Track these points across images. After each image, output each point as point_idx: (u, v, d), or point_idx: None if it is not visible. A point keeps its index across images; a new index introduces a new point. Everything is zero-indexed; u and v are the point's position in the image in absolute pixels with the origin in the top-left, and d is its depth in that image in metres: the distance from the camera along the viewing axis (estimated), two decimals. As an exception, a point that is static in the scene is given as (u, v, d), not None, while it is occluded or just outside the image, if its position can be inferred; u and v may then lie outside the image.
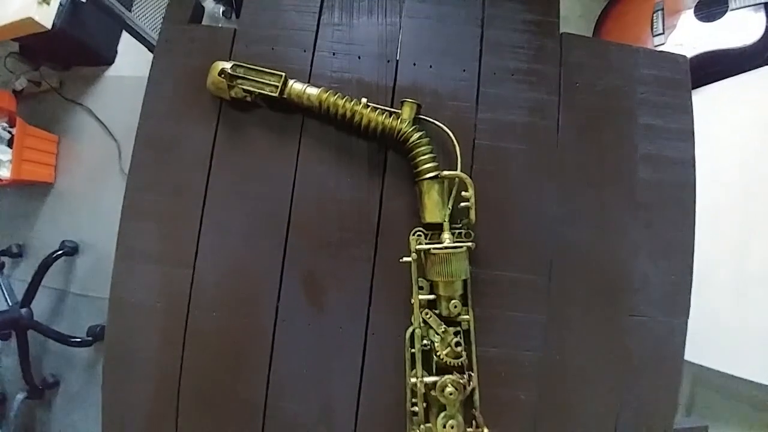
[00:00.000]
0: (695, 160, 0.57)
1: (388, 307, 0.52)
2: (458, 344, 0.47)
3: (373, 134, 0.52)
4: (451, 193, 0.50)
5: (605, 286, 0.53)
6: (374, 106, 0.51)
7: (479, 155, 0.54)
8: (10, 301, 1.28)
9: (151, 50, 1.19)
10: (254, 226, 0.53)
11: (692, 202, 0.56)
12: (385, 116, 0.51)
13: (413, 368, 0.49)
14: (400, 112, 0.51)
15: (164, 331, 0.52)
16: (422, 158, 0.49)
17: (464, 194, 0.49)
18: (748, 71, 0.94)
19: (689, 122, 0.57)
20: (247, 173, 0.54)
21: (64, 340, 1.24)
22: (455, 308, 0.48)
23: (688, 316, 0.54)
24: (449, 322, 0.49)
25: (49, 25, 1.10)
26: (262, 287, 0.53)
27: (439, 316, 0.49)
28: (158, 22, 1.15)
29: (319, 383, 0.52)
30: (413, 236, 0.50)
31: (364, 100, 0.51)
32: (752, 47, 0.97)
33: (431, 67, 0.56)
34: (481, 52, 0.56)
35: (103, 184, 1.38)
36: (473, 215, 0.49)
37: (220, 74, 0.51)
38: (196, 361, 0.52)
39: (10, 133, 1.27)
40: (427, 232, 0.51)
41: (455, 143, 0.51)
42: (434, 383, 0.48)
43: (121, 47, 1.42)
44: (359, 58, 0.56)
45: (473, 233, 0.50)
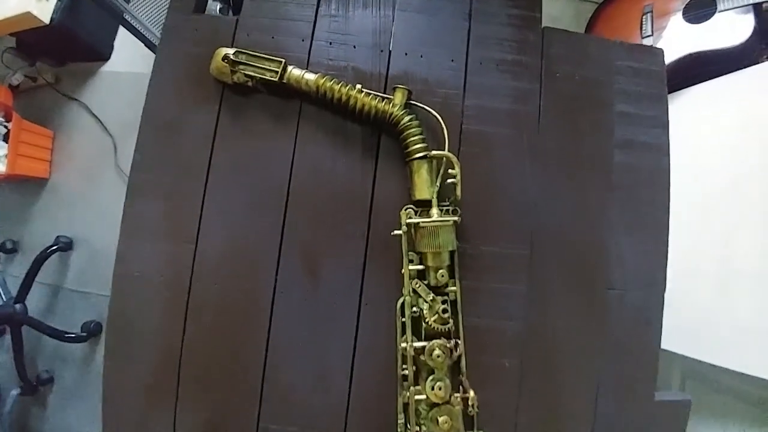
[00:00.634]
0: (669, 145, 0.60)
1: (380, 279, 0.55)
2: (445, 311, 0.50)
3: (366, 118, 0.55)
4: (439, 172, 0.53)
5: (583, 260, 0.57)
6: (368, 91, 0.54)
7: (466, 139, 0.58)
8: (4, 296, 1.27)
9: (147, 46, 1.20)
10: (254, 203, 0.56)
11: (666, 183, 0.59)
12: (378, 101, 0.54)
13: (404, 335, 0.52)
14: (392, 97, 0.54)
15: (166, 302, 0.54)
16: (412, 139, 0.53)
17: (451, 171, 0.52)
18: (735, 71, 0.96)
19: (663, 110, 0.61)
20: (247, 154, 0.57)
21: (58, 335, 1.24)
22: (443, 278, 0.51)
23: (664, 288, 0.57)
24: (437, 291, 0.52)
25: (47, 20, 1.11)
26: (261, 261, 0.55)
27: (428, 285, 0.52)
28: (155, 17, 1.17)
29: (315, 351, 0.54)
30: (404, 211, 0.53)
31: (358, 86, 0.54)
32: (740, 48, 0.99)
33: (422, 56, 0.59)
34: (468, 43, 0.60)
35: (98, 179, 1.38)
36: (459, 191, 0.52)
37: (223, 59, 0.54)
38: (197, 331, 0.54)
39: (6, 128, 1.27)
40: (417, 208, 0.54)
41: (443, 127, 0.54)
42: (423, 348, 0.51)
43: (117, 43, 1.43)
44: (354, 47, 0.59)
45: (459, 209, 0.53)
